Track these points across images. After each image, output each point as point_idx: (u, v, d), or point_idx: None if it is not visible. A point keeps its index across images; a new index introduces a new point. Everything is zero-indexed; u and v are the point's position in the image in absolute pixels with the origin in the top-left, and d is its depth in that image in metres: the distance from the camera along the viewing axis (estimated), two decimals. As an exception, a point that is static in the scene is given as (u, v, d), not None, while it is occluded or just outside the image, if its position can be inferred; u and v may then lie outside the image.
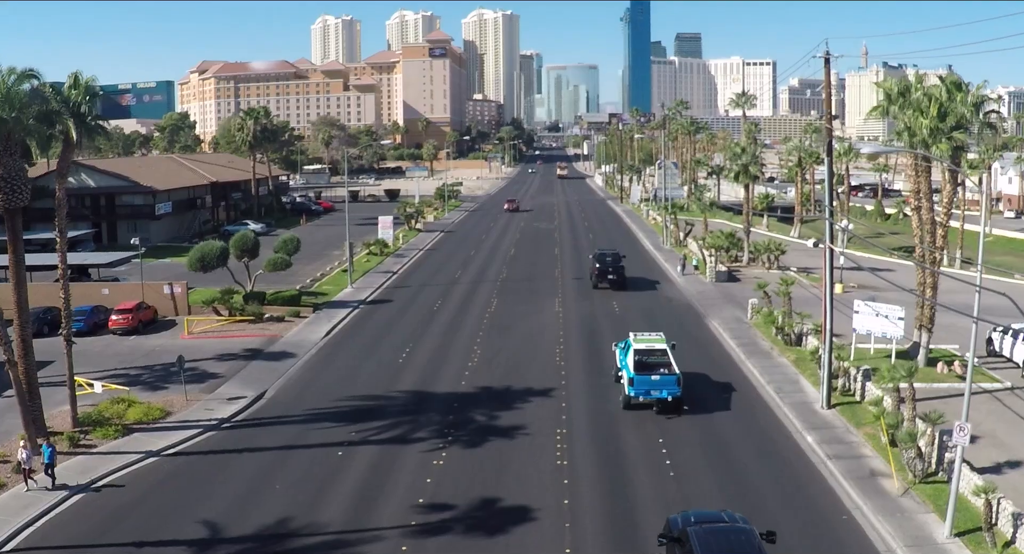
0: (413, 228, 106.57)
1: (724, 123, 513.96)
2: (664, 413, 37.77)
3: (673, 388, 37.57)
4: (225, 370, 46.45)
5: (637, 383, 37.79)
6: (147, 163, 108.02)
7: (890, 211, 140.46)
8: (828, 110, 37.90)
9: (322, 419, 38.27)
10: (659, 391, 37.59)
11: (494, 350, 49.00)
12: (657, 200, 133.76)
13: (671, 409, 37.90)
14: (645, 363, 38.81)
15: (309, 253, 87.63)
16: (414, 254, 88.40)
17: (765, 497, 29.50)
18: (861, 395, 39.56)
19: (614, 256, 69.32)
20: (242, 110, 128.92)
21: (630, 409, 38.22)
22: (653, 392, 37.66)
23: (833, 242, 38.50)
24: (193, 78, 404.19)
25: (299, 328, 55.81)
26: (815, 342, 46.76)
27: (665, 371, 38.31)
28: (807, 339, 48.18)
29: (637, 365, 38.54)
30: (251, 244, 61.41)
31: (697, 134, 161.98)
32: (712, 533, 22.47)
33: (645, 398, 37.84)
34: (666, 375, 37.95)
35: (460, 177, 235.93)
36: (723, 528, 22.97)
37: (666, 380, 37.70)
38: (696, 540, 22.03)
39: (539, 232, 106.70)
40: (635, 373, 38.06)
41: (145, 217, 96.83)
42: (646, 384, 37.73)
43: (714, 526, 22.99)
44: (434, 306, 61.86)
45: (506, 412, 38.29)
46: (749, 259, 78.22)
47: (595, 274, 67.92)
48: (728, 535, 22.50)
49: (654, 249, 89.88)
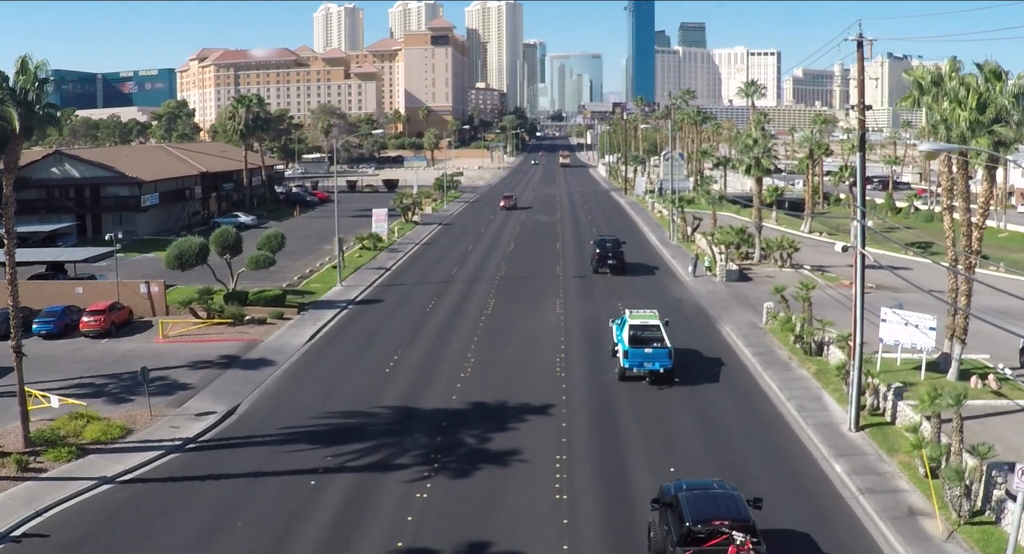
0: (410, 221, 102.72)
1: (728, 113, 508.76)
2: (656, 384, 40.22)
3: (665, 360, 40.21)
4: (197, 380, 42.84)
5: (631, 355, 40.43)
6: (135, 152, 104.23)
7: (901, 205, 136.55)
8: (861, 100, 34.08)
9: (296, 440, 34.65)
10: (652, 363, 40.26)
11: (489, 358, 45.29)
12: (662, 192, 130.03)
13: (663, 380, 40.40)
14: (639, 338, 41.10)
15: (300, 247, 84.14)
16: (409, 248, 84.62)
17: (790, 539, 25.84)
18: (892, 416, 35.85)
19: (614, 242, 71.97)
20: (233, 97, 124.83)
21: (625, 380, 40.73)
22: (646, 364, 40.31)
23: (865, 246, 34.69)
24: (193, 66, 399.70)
25: (281, 331, 52.16)
26: (838, 353, 43.07)
27: (657, 345, 40.59)
28: (829, 349, 44.49)
29: (632, 339, 40.99)
30: (232, 240, 57.74)
31: (703, 124, 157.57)
32: (701, 497, 23.78)
33: (639, 369, 40.48)
34: (658, 348, 40.41)
35: (461, 167, 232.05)
36: (712, 493, 24.36)
37: (658, 353, 40.26)
38: (686, 503, 23.28)
39: (540, 225, 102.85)
40: (630, 346, 40.62)
41: (131, 209, 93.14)
42: (640, 357, 40.35)
43: (704, 491, 24.37)
44: (427, 307, 58.15)
45: (500, 434, 34.62)
46: (761, 256, 74.44)
47: (595, 259, 70.47)
48: (716, 499, 23.84)
49: (660, 244, 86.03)
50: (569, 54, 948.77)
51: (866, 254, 34.75)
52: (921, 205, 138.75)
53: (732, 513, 23.03)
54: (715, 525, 22.52)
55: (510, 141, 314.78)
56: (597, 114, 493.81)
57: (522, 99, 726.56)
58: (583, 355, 45.87)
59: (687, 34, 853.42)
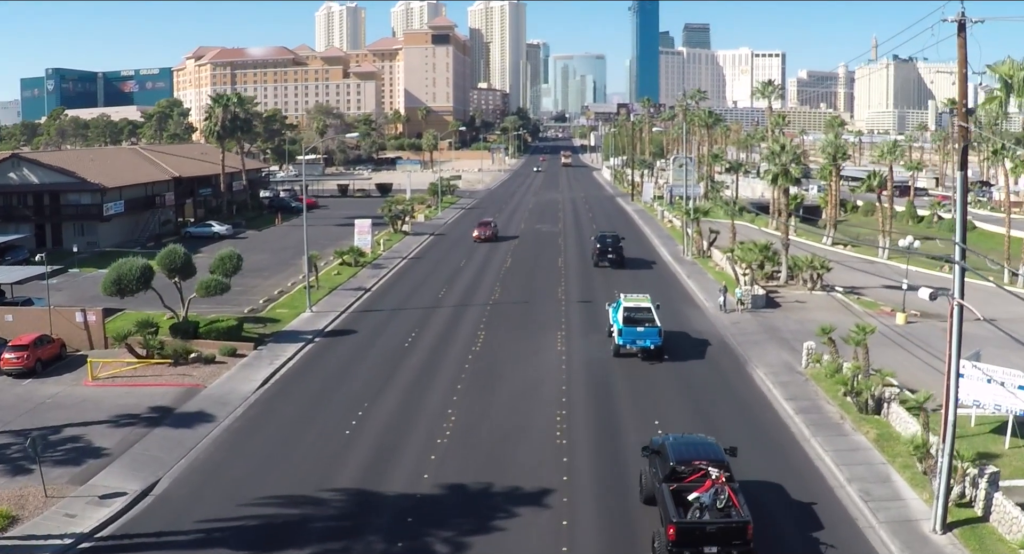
0: (399, 231, 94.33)
1: (734, 115, 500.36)
2: (648, 360, 44.65)
3: (655, 338, 44.71)
4: (115, 443, 34.73)
5: (625, 334, 44.81)
6: (102, 156, 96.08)
7: (923, 213, 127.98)
8: (961, 100, 25.56)
9: (216, 543, 26.49)
10: (643, 340, 44.68)
11: (473, 417, 37.02)
12: (672, 199, 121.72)
13: (654, 356, 44.90)
14: (632, 318, 45.23)
15: (275, 262, 76.14)
16: (395, 264, 76.30)
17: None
18: (985, 509, 27.67)
19: (614, 237, 76.81)
20: (210, 96, 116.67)
21: (619, 357, 45.03)
22: (638, 342, 44.77)
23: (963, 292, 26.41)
24: (189, 64, 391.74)
25: (230, 374, 43.98)
26: (902, 413, 34.91)
27: (649, 324, 44.87)
28: (889, 406, 36.30)
29: (625, 319, 45.17)
30: (181, 262, 49.66)
31: (714, 126, 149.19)
32: (683, 443, 27.57)
33: (631, 346, 44.89)
34: (649, 327, 44.73)
35: (461, 169, 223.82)
36: (693, 440, 28.32)
37: (649, 331, 44.67)
38: (671, 448, 26.80)
39: (541, 237, 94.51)
40: (623, 326, 44.89)
41: (92, 218, 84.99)
42: (632, 334, 44.75)
43: (686, 439, 28.26)
44: (406, 340, 49.91)
45: (481, 537, 26.42)
46: (788, 276, 66.27)
47: (596, 253, 75.15)
48: (696, 445, 27.52)
49: (673, 260, 77.66)
50: (573, 55, 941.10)
51: (966, 306, 26.47)
52: (945, 214, 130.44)
53: (709, 454, 26.63)
54: (695, 464, 25.93)
55: (512, 143, 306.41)
56: (601, 115, 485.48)
57: (525, 100, 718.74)
58: (590, 412, 37.55)
59: (691, 35, 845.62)
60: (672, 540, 23.68)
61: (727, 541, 23.86)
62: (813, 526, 27.27)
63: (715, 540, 23.86)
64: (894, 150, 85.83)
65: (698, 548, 23.83)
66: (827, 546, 25.95)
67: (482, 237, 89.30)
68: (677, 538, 23.68)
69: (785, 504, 28.77)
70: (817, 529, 27.07)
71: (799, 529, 27.03)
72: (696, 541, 23.83)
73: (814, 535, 26.70)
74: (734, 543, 23.87)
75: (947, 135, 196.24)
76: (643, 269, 73.53)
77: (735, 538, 23.88)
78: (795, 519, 27.74)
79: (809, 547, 26.02)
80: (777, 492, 29.60)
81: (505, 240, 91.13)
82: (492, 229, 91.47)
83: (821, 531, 26.95)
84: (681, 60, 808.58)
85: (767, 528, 26.02)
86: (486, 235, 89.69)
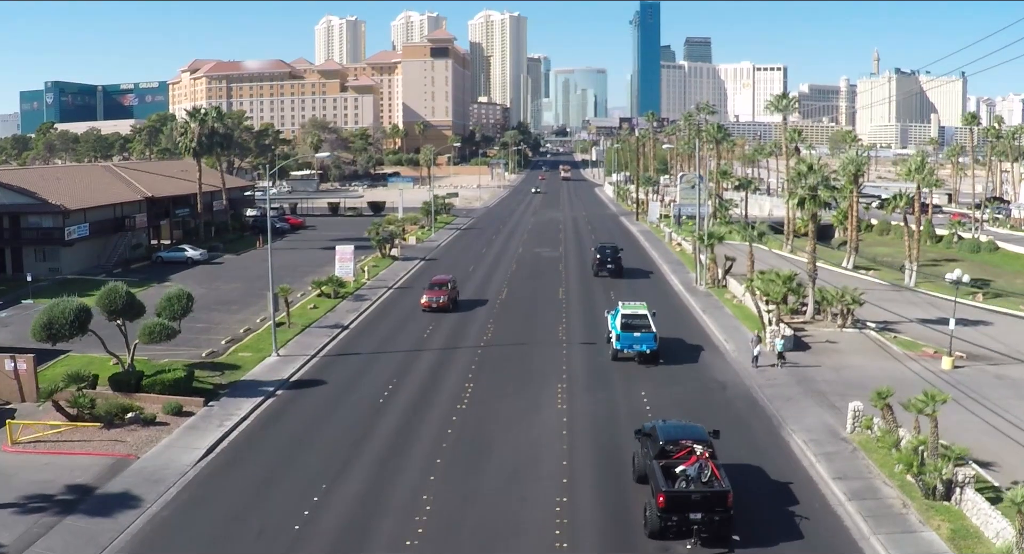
0: (387, 255, 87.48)
1: (736, 129, 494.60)
2: (644, 363, 47.24)
3: (651, 343, 47.29)
4: (15, 538, 28.06)
5: (622, 338, 47.44)
6: (69, 174, 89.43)
7: (941, 232, 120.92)
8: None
9: None
10: (640, 345, 47.25)
11: (454, 506, 30.06)
12: (679, 218, 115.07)
13: (649, 360, 47.46)
14: (629, 324, 47.81)
15: (246, 293, 69.52)
16: (379, 295, 69.43)
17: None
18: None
19: (612, 248, 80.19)
20: (186, 110, 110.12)
21: (617, 361, 47.68)
22: (635, 346, 47.30)
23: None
24: (184, 77, 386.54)
25: (170, 439, 37.15)
26: (982, 504, 28.14)
27: (645, 330, 47.46)
28: (963, 492, 29.53)
29: (623, 326, 47.71)
30: (121, 303, 43.00)
31: (722, 141, 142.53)
32: (671, 426, 31.19)
33: (628, 350, 47.45)
34: (645, 333, 47.35)
35: (458, 185, 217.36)
36: (680, 424, 32.11)
37: (645, 337, 47.28)
38: (660, 430, 30.42)
39: (540, 263, 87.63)
40: (621, 331, 47.46)
41: (54, 242, 78.36)
42: (629, 339, 47.39)
43: (674, 423, 32.04)
44: (382, 395, 43.05)
45: None
46: (815, 311, 59.53)
47: (595, 264, 78.61)
48: (683, 427, 31.25)
49: (686, 291, 70.83)
50: (574, 69, 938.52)
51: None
52: (964, 233, 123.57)
53: (694, 435, 30.17)
54: (681, 443, 29.47)
55: (511, 158, 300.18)
56: (603, 130, 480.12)
57: (526, 114, 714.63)
58: (597, 500, 30.67)
59: (693, 49, 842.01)
60: (662, 507, 26.87)
61: (710, 508, 26.82)
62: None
63: (699, 507, 26.83)
64: (922, 168, 78.89)
65: (684, 514, 26.82)
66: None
67: (433, 305, 61.56)
68: (666, 505, 26.86)
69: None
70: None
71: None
72: (683, 508, 26.84)
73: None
74: (716, 510, 26.84)
75: (961, 149, 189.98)
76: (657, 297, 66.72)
77: (717, 505, 26.86)
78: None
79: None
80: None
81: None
82: (448, 292, 62.96)
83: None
84: (683, 74, 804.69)
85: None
86: (438, 303, 61.58)
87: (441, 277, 66.53)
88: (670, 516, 26.67)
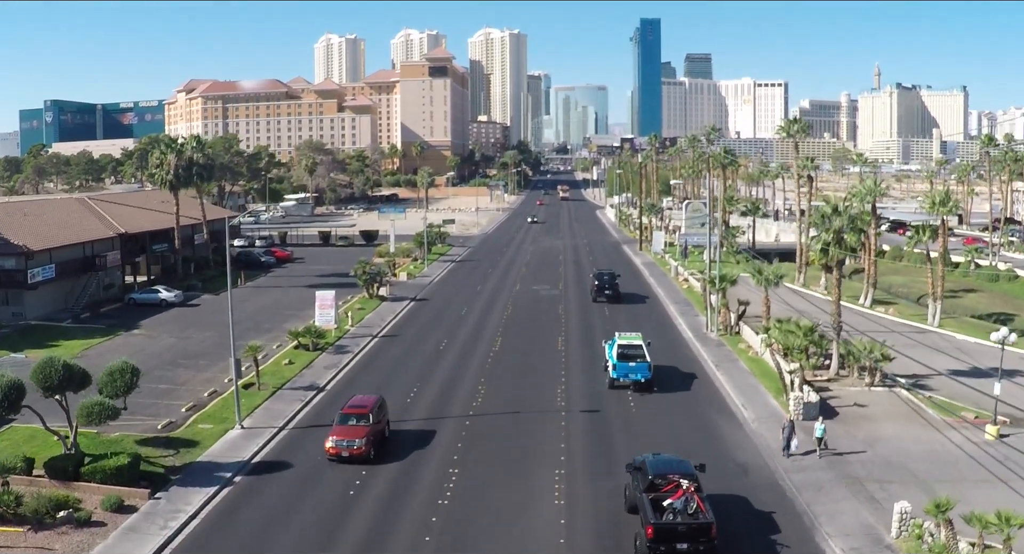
0: (374, 296, 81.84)
1: (737, 145, 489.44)
2: (639, 391, 49.75)
3: (645, 372, 50.21)
4: None
5: (618, 368, 50.44)
6: (37, 210, 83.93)
7: (958, 259, 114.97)
8: None
9: None
10: (635, 374, 50.15)
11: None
12: (685, 249, 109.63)
13: (644, 388, 50.09)
14: (625, 354, 51.02)
15: (219, 344, 63.54)
16: (363, 345, 63.69)
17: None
18: None
19: (610, 275, 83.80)
20: (161, 141, 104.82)
21: (614, 389, 50.23)
22: (630, 375, 50.20)
23: None
24: (180, 98, 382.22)
25: (105, 546, 31.58)
26: None
27: (640, 360, 50.52)
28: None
29: (619, 356, 50.96)
30: (57, 378, 37.54)
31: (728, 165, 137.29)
32: (660, 461, 33.06)
33: (624, 379, 50.29)
34: (640, 363, 50.36)
35: (456, 208, 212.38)
36: (668, 458, 33.84)
37: (640, 366, 50.25)
38: (649, 465, 32.32)
39: (539, 303, 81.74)
40: (617, 361, 50.67)
41: (17, 285, 72.90)
42: (625, 369, 50.31)
43: (663, 457, 33.78)
44: (354, 482, 37.36)
45: None
46: (839, 365, 53.98)
47: (594, 289, 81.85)
48: (671, 462, 33.03)
49: (695, 339, 65.09)
50: (574, 86, 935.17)
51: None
52: (981, 260, 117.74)
53: (681, 469, 31.92)
54: (669, 477, 31.18)
55: (511, 179, 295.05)
56: (604, 148, 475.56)
57: (526, 132, 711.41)
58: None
59: (693, 65, 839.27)
60: (650, 538, 28.45)
61: (695, 538, 28.58)
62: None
63: (685, 538, 28.54)
64: (947, 201, 73.41)
65: (671, 545, 28.45)
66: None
67: (342, 453, 39.28)
68: (654, 536, 28.47)
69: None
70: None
71: None
72: (670, 538, 28.48)
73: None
74: (700, 540, 28.63)
75: (971, 167, 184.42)
76: (664, 347, 61.10)
77: (701, 536, 28.65)
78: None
79: None
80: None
81: (499, 304, 77.15)
82: (371, 426, 40.34)
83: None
84: (683, 90, 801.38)
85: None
86: (351, 449, 39.18)
87: (360, 401, 43.02)
88: (658, 546, 28.45)
